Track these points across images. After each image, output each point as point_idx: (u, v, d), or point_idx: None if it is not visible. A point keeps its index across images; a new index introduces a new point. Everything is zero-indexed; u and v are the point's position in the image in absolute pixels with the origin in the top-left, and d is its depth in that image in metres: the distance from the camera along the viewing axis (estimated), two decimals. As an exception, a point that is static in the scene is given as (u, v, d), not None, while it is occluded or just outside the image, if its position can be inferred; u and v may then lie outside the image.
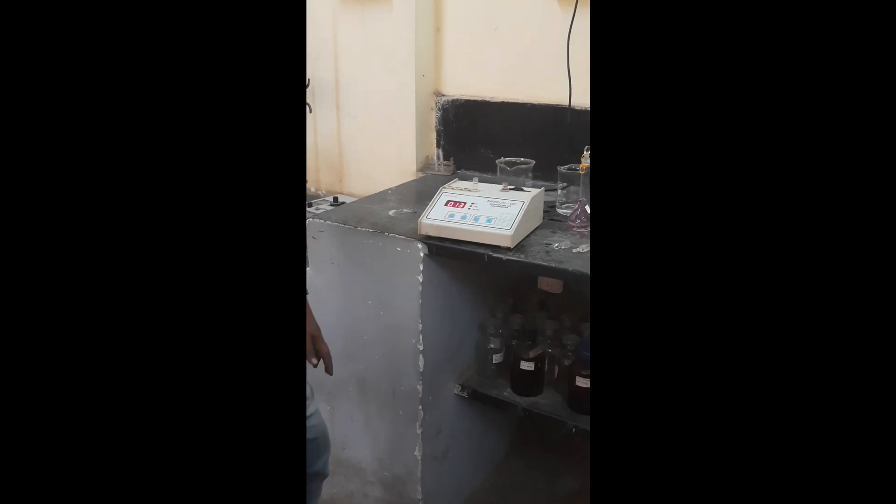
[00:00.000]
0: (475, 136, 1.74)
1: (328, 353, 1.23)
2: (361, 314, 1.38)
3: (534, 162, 1.47)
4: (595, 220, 0.54)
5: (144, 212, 0.53)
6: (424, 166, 1.82)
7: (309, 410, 1.25)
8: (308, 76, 1.86)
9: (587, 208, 1.34)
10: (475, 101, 1.73)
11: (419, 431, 1.41)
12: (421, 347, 1.34)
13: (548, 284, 1.56)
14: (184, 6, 0.53)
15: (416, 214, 1.32)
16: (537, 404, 1.39)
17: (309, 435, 1.26)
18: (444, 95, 1.77)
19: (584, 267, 1.15)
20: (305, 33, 0.90)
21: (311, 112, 1.89)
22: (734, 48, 0.49)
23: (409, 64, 1.70)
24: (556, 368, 1.45)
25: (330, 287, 1.42)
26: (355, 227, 1.34)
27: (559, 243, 1.26)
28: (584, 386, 1.33)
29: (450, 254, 1.27)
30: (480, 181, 1.36)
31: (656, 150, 0.51)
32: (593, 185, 0.54)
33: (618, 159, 0.52)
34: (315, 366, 1.22)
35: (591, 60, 0.55)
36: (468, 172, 1.73)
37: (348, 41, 1.79)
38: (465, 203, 1.27)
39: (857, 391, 0.48)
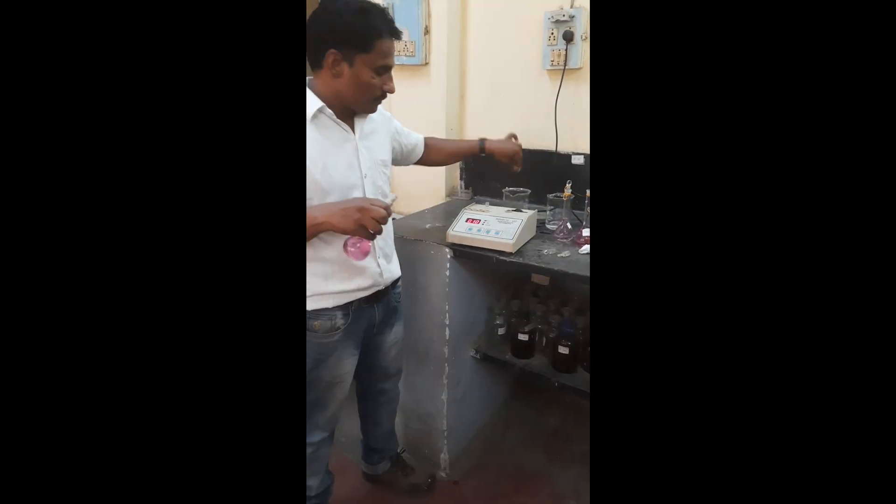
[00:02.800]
0: (487, 172, 1.72)
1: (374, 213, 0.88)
2: (405, 297, 1.38)
3: (529, 191, 1.46)
4: (595, 230, 0.50)
5: (145, 218, 0.42)
6: (451, 193, 1.81)
7: (392, 351, 1.26)
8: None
9: (568, 224, 1.32)
10: (488, 147, 1.71)
11: (445, 382, 1.40)
12: (447, 322, 1.33)
13: (538, 279, 1.54)
14: (186, 11, 0.42)
15: (445, 227, 1.31)
16: (530, 365, 1.37)
17: (386, 363, 1.27)
18: (465, 143, 1.76)
19: (565, 267, 1.13)
20: (305, 40, 0.88)
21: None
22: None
23: (441, 120, 1.69)
24: (544, 339, 1.42)
25: (383, 278, 1.41)
26: (402, 236, 1.33)
27: (547, 250, 1.24)
28: (564, 352, 1.31)
29: (469, 256, 1.26)
30: (491, 204, 1.35)
31: (640, 179, 0.46)
32: (593, 203, 0.50)
33: (611, 189, 0.47)
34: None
35: (590, 119, 0.50)
36: (482, 198, 1.71)
37: (400, 104, 1.79)
38: (480, 220, 1.26)
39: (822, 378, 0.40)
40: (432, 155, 1.33)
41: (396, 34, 0.95)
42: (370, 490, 1.46)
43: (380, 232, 0.90)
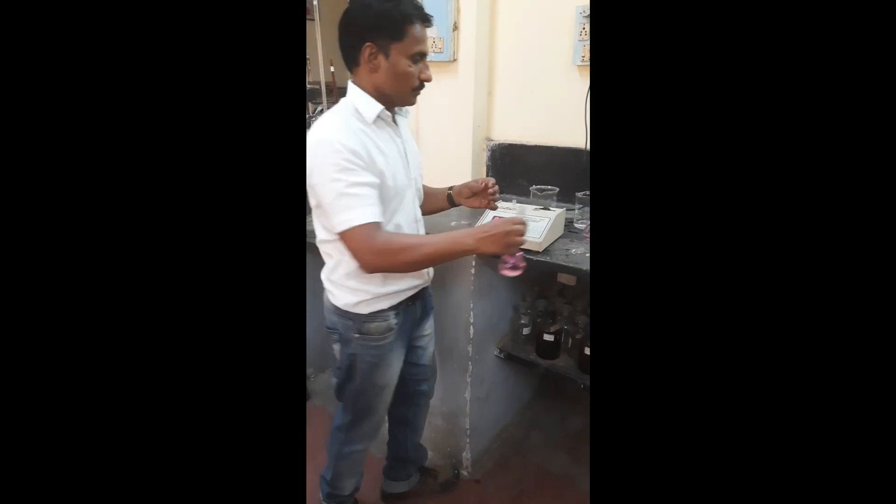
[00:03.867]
0: (515, 169, 1.70)
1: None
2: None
3: (558, 189, 1.43)
4: (594, 227, 0.51)
5: (146, 218, 0.41)
6: (477, 191, 1.80)
7: (429, 347, 1.23)
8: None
9: (597, 224, 1.29)
10: (515, 145, 1.69)
11: (468, 380, 1.39)
12: (472, 320, 1.32)
13: (565, 278, 1.52)
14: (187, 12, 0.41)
15: (471, 225, 1.29)
16: (555, 366, 1.35)
17: (425, 361, 1.24)
18: (492, 140, 1.75)
19: (593, 267, 1.11)
20: (305, 41, 0.90)
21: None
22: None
23: (468, 118, 1.68)
24: (570, 340, 1.40)
25: (409, 275, 1.41)
26: (428, 233, 1.33)
27: (575, 249, 1.22)
28: (590, 354, 1.28)
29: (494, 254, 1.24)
30: (518, 202, 1.33)
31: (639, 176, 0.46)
32: (593, 201, 0.50)
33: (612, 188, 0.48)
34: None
35: (590, 113, 0.51)
36: (509, 195, 1.69)
37: (427, 100, 1.78)
38: (506, 218, 1.24)
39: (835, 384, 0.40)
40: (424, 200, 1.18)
41: (427, 20, 0.92)
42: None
43: (522, 244, 0.94)
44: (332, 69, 2.43)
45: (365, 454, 1.22)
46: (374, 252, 0.88)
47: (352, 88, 0.94)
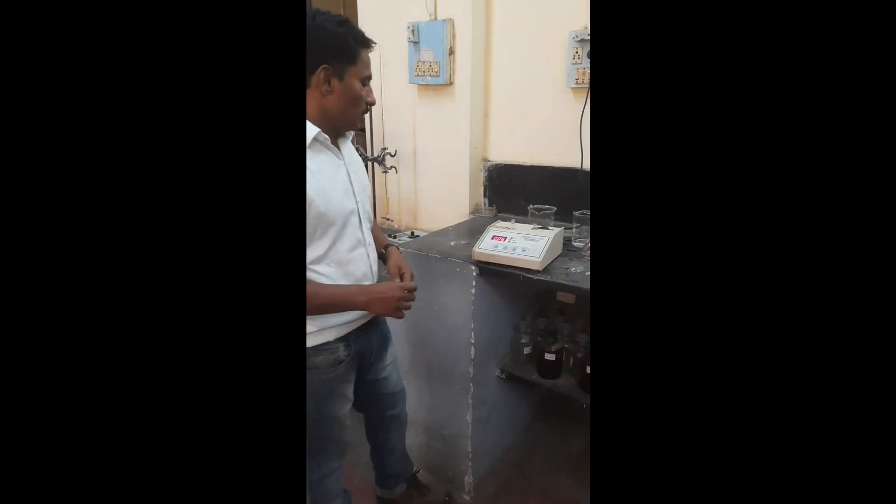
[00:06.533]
0: (512, 189, 1.72)
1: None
2: (430, 316, 1.37)
3: (555, 208, 1.44)
4: (595, 234, 0.50)
5: (145, 220, 0.41)
6: (475, 210, 1.80)
7: (393, 374, 1.22)
8: (395, 148, 1.88)
9: (595, 242, 1.30)
10: (512, 165, 1.70)
11: (470, 402, 1.37)
12: (472, 341, 1.31)
13: (565, 297, 1.51)
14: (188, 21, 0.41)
15: (470, 245, 1.30)
16: (557, 385, 1.34)
17: (390, 389, 1.23)
18: (489, 161, 1.76)
19: (594, 285, 1.11)
20: (305, 55, 0.84)
21: (396, 172, 1.91)
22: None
23: (465, 139, 1.70)
24: (572, 359, 1.38)
25: (408, 296, 1.40)
26: (427, 254, 1.33)
27: (574, 267, 1.22)
28: (592, 373, 1.27)
29: (494, 274, 1.24)
30: (517, 222, 1.33)
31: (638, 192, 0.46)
32: (593, 217, 0.51)
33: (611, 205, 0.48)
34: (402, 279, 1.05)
35: (591, 132, 0.51)
36: (507, 215, 1.70)
37: (424, 123, 1.81)
38: (506, 237, 1.24)
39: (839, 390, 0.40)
40: None
41: (371, 46, 0.95)
42: (392, 512, 1.42)
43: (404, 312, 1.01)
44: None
45: (340, 472, 1.19)
46: None
47: None
